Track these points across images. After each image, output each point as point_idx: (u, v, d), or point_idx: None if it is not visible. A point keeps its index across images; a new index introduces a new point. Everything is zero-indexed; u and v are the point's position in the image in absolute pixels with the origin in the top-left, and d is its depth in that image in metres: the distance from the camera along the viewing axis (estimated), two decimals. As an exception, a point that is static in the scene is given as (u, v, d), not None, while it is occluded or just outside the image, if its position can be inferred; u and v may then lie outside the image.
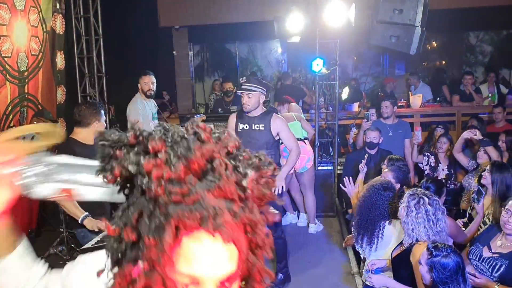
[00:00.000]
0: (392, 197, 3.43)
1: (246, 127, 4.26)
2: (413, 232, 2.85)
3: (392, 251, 3.21)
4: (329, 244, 5.34)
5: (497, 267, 2.93)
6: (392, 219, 3.39)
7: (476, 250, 3.13)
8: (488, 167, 3.91)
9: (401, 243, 3.15)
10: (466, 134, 4.83)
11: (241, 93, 4.16)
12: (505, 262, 2.91)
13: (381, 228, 3.37)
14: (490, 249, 3.05)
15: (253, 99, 4.11)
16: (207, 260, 0.85)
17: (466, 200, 4.57)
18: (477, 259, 3.07)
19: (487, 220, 3.82)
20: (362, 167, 4.83)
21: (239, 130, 4.25)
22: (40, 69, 6.36)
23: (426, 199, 2.87)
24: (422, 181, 4.23)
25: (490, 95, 8.04)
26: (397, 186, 3.98)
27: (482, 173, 3.95)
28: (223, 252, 0.85)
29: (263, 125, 4.21)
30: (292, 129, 5.50)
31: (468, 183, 4.65)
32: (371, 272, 3.17)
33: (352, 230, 3.71)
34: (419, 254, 2.75)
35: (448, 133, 6.21)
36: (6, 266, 1.14)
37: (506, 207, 3.00)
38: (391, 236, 3.40)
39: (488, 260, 3.00)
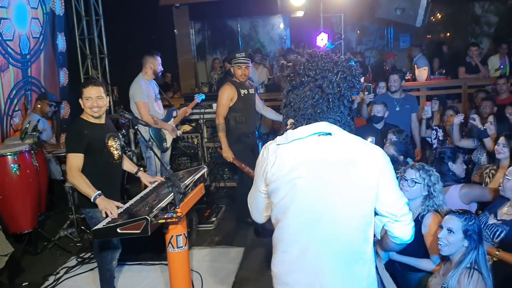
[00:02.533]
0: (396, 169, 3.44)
1: (246, 92, 5.06)
2: (435, 203, 2.99)
3: None
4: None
5: (497, 233, 2.98)
6: None
7: (483, 217, 3.19)
8: (502, 141, 3.87)
9: None
10: (457, 121, 4.80)
11: (240, 65, 4.92)
12: (506, 228, 2.96)
13: None
14: (496, 216, 3.10)
15: (249, 70, 5.00)
16: None
17: (478, 175, 4.54)
18: (483, 225, 3.11)
19: None
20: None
21: (242, 95, 5.01)
22: (42, 51, 6.31)
23: (437, 173, 3.01)
24: (435, 148, 4.25)
25: (502, 67, 7.88)
26: (401, 158, 4.08)
27: (496, 148, 3.91)
28: None
29: (253, 89, 5.18)
30: None
31: (478, 158, 4.62)
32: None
33: None
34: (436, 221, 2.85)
35: (446, 104, 6.17)
36: None
37: (506, 173, 3.08)
38: None
39: (491, 227, 3.05)
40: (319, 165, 1.73)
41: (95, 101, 3.43)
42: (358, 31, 11.37)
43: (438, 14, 11.39)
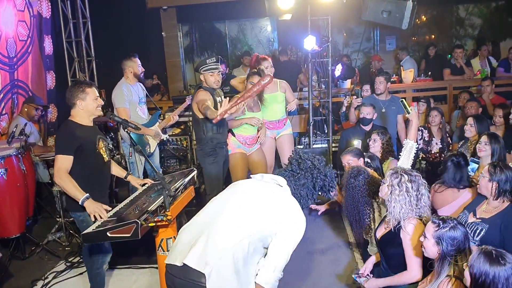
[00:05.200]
0: (367, 178, 3.46)
1: (220, 99, 4.68)
2: (396, 210, 2.88)
3: (375, 230, 3.24)
4: (327, 220, 5.39)
5: (478, 231, 3.04)
6: (376, 199, 3.43)
7: (463, 216, 3.26)
8: (484, 139, 3.99)
9: (382, 221, 3.18)
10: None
11: (212, 71, 4.59)
12: (485, 226, 3.03)
13: (371, 213, 3.40)
14: (475, 214, 3.17)
15: (220, 76, 4.69)
16: None
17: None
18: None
19: None
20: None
21: (218, 102, 4.59)
22: (29, 54, 6.27)
23: (406, 176, 2.91)
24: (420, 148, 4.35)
25: (482, 69, 8.04)
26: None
27: (478, 146, 4.02)
28: None
29: (223, 95, 4.83)
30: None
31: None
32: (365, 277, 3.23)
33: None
34: (418, 229, 2.79)
35: (431, 105, 6.28)
36: None
37: (482, 171, 3.17)
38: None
39: (471, 225, 3.11)
40: (259, 185, 2.53)
41: (99, 100, 3.48)
42: (345, 34, 11.46)
43: (423, 17, 11.54)
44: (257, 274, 2.30)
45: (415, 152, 3.66)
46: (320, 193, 2.61)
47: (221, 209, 2.39)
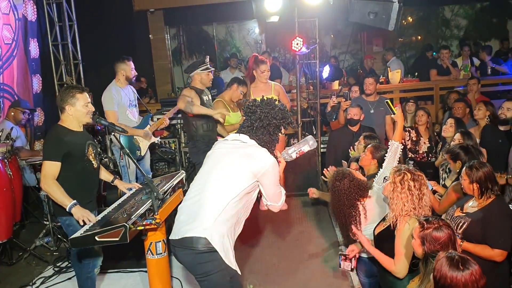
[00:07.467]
0: (352, 180, 3.48)
1: (207, 98, 5.05)
2: (398, 207, 2.90)
3: (374, 228, 3.27)
4: (316, 220, 5.41)
5: (460, 224, 3.11)
6: (361, 201, 3.45)
7: (451, 211, 3.36)
8: (458, 137, 4.16)
9: (383, 219, 3.21)
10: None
11: (209, 70, 4.99)
12: (468, 220, 3.10)
13: (357, 216, 3.42)
14: (461, 209, 3.25)
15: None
16: None
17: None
18: (449, 218, 3.27)
19: None
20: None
21: (204, 102, 4.96)
22: (14, 58, 6.20)
23: (409, 174, 2.93)
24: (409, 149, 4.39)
25: (462, 67, 8.20)
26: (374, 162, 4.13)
27: (452, 144, 4.10)
28: None
29: (210, 95, 5.23)
30: None
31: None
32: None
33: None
34: (409, 228, 2.81)
35: (418, 105, 6.35)
36: None
37: (461, 175, 3.22)
38: (370, 215, 3.49)
39: (456, 219, 3.20)
40: (226, 151, 2.81)
41: (90, 107, 3.42)
42: (332, 35, 11.53)
43: (410, 18, 11.65)
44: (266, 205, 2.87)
45: (401, 152, 3.68)
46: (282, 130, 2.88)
47: (204, 184, 2.72)
